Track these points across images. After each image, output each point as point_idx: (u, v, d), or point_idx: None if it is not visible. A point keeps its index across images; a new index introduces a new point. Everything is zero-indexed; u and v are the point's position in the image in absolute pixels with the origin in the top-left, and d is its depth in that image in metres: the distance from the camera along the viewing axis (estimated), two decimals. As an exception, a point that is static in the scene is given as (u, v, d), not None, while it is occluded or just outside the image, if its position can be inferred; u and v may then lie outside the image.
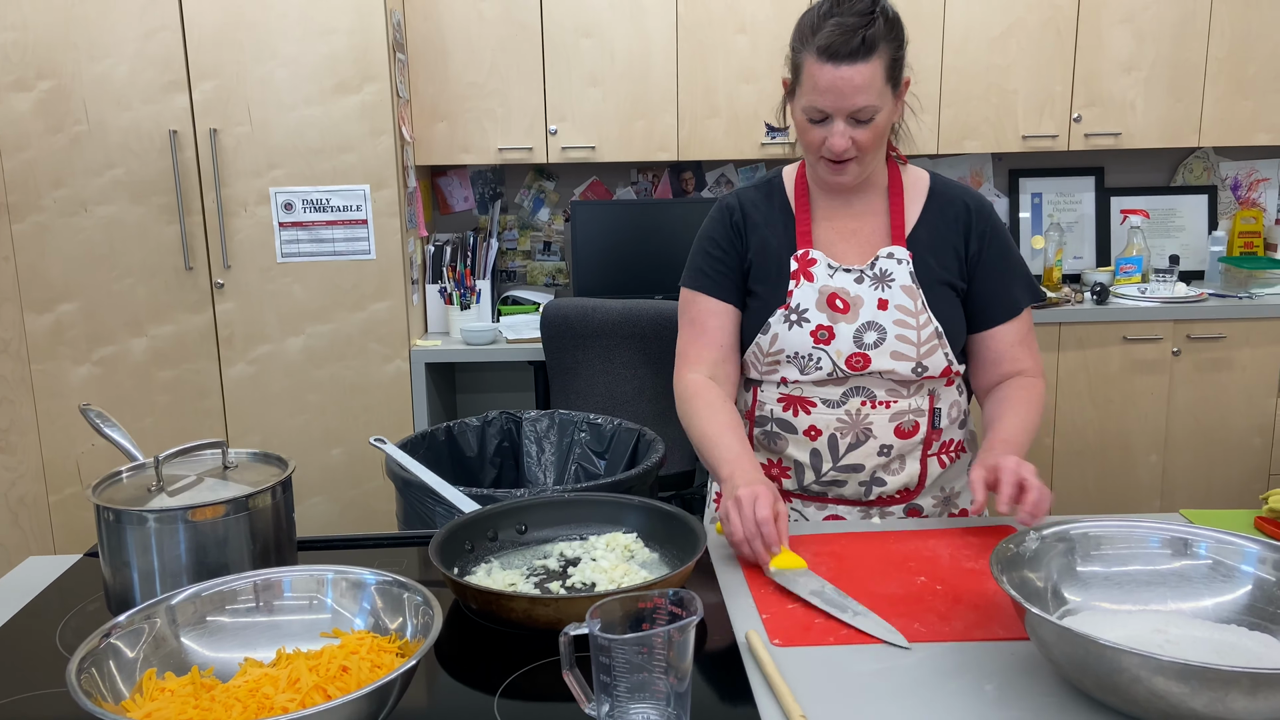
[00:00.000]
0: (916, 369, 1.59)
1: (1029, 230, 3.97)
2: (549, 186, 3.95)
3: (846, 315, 1.59)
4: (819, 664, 1.13)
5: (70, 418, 3.20)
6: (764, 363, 1.64)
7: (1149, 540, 1.22)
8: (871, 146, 1.54)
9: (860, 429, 1.61)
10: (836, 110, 1.49)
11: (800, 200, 1.66)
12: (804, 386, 1.62)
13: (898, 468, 1.64)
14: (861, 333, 1.59)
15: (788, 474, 1.68)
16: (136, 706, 0.97)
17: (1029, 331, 1.68)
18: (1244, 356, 3.49)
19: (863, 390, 1.61)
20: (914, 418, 1.62)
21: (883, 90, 1.49)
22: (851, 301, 1.60)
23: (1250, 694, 0.90)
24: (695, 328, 1.69)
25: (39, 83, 3.02)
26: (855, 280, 1.61)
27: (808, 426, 1.63)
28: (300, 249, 3.16)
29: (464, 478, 2.58)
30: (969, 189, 1.68)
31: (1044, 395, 1.66)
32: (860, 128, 1.51)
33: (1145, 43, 3.54)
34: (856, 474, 1.64)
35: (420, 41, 3.43)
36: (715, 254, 1.68)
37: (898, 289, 1.59)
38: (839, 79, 1.45)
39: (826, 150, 1.53)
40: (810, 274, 1.62)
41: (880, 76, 1.47)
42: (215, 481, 1.30)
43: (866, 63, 1.45)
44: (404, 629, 1.08)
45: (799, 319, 1.60)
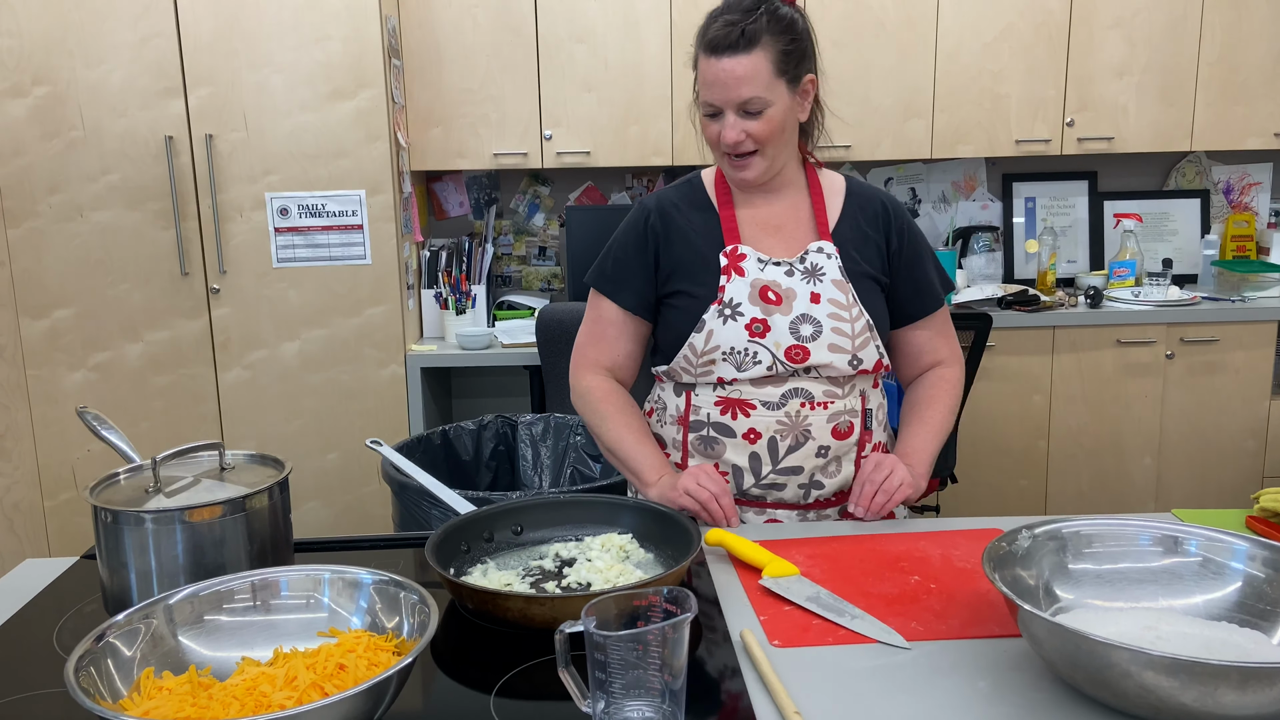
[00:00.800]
0: (852, 361, 1.61)
1: (1022, 234, 3.99)
2: (544, 192, 3.96)
3: (780, 307, 1.60)
4: (815, 662, 1.14)
5: (65, 423, 3.20)
6: (699, 363, 1.63)
7: (1140, 538, 1.23)
8: (767, 140, 1.57)
9: (800, 430, 1.62)
10: (724, 102, 1.54)
11: (722, 198, 1.68)
12: (742, 388, 1.62)
13: (834, 470, 1.66)
14: (797, 325, 1.60)
15: (726, 479, 1.66)
16: (134, 705, 0.97)
17: (946, 322, 1.75)
18: (1237, 359, 3.51)
19: (801, 391, 1.61)
20: (849, 418, 1.64)
21: (770, 83, 1.54)
22: (784, 294, 1.61)
23: (1239, 688, 0.91)
24: (595, 330, 1.74)
25: (35, 89, 3.02)
26: (786, 273, 1.62)
27: (747, 430, 1.63)
28: (296, 254, 3.16)
29: (460, 481, 2.59)
30: (881, 189, 1.76)
31: (955, 383, 1.74)
32: (751, 119, 1.55)
33: (1137, 47, 3.56)
34: (796, 476, 1.64)
35: (415, 47, 3.44)
36: (622, 258, 1.70)
37: (829, 283, 1.62)
38: (721, 70, 1.52)
39: (722, 143, 1.57)
40: (741, 268, 1.62)
41: (766, 69, 1.53)
42: (212, 483, 1.31)
43: (748, 55, 1.51)
44: (400, 628, 1.08)
45: (733, 313, 1.60)
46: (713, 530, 1.47)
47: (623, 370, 1.75)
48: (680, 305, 1.65)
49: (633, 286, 1.70)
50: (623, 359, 1.74)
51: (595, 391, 1.71)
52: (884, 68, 3.53)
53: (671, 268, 1.67)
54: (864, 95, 3.54)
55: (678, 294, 1.66)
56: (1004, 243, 4.00)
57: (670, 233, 1.68)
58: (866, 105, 3.55)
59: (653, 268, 1.69)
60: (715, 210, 1.68)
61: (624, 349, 1.73)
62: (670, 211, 1.69)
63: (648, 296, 1.70)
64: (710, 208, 1.69)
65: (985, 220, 4.02)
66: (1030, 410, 3.53)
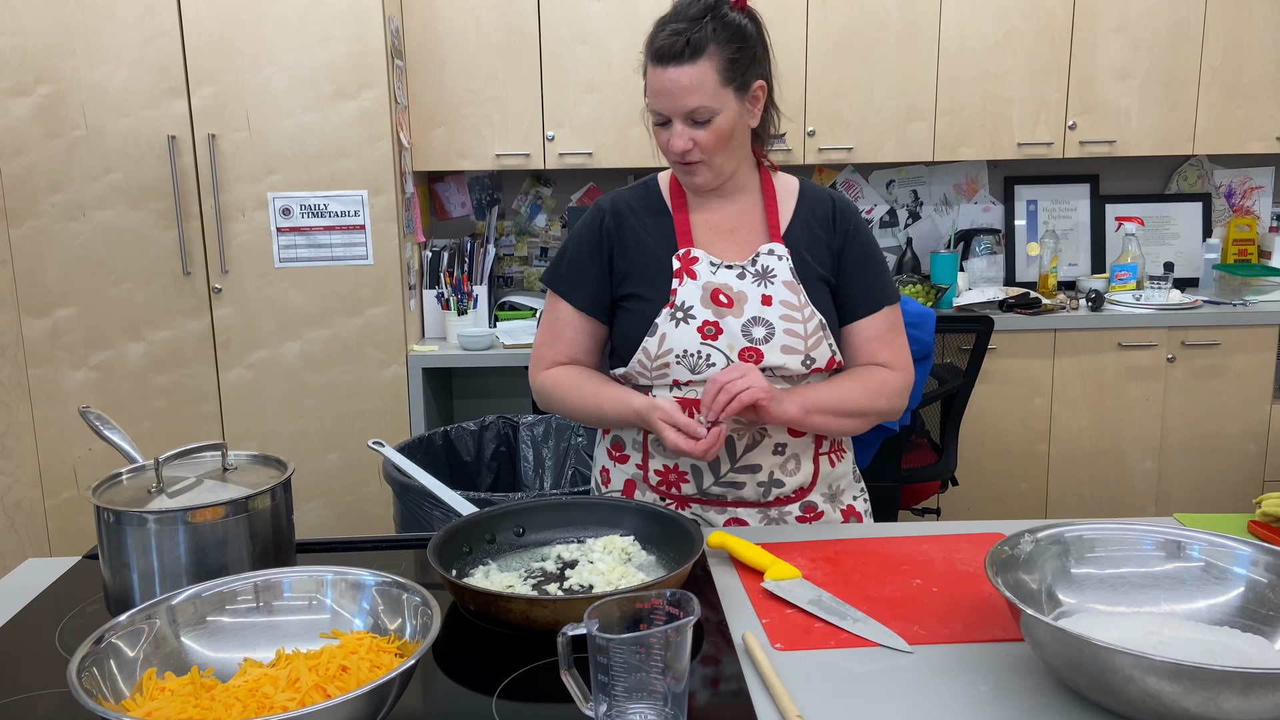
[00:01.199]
0: (805, 361, 1.61)
1: (1024, 237, 3.99)
2: (546, 192, 3.96)
3: (731, 310, 1.61)
4: (817, 665, 1.14)
5: (66, 422, 3.20)
6: (653, 368, 1.62)
7: (1142, 543, 1.23)
8: (715, 149, 1.57)
9: (756, 429, 1.62)
10: (671, 111, 1.54)
11: (676, 200, 1.69)
12: (698, 388, 1.61)
13: (793, 467, 1.66)
14: (749, 327, 1.60)
15: (686, 479, 1.66)
16: (137, 706, 0.97)
17: (890, 329, 1.69)
18: (1238, 363, 3.51)
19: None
20: None
21: (717, 92, 1.53)
22: (735, 297, 1.61)
23: (1242, 694, 0.91)
24: (552, 332, 1.73)
25: (38, 88, 3.02)
26: (737, 276, 1.63)
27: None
28: (298, 254, 3.16)
29: (461, 482, 2.59)
30: (835, 191, 1.75)
31: (891, 383, 1.66)
32: (699, 129, 1.54)
33: (1140, 51, 3.56)
34: (754, 474, 1.64)
35: (418, 48, 3.44)
36: (578, 259, 1.70)
37: (780, 285, 1.62)
38: (668, 80, 1.52)
39: (669, 152, 1.58)
40: (693, 271, 1.63)
41: (712, 78, 1.52)
42: (215, 483, 1.31)
43: (694, 64, 1.50)
44: (403, 629, 1.08)
45: (685, 316, 1.61)
46: (715, 533, 1.47)
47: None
48: (633, 308, 1.66)
49: (587, 287, 1.69)
50: (580, 358, 1.73)
51: (552, 378, 1.71)
52: (886, 70, 3.53)
53: (625, 270, 1.67)
54: (866, 97, 3.54)
55: (631, 297, 1.66)
56: (1005, 245, 4.00)
57: (624, 235, 1.68)
58: (869, 107, 3.55)
59: (607, 269, 1.69)
60: (669, 213, 1.69)
61: (580, 348, 1.72)
62: (625, 213, 1.70)
63: (602, 298, 1.69)
64: (665, 211, 1.69)
65: (987, 223, 4.02)
66: (1031, 413, 3.53)
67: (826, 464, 1.70)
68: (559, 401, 1.71)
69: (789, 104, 3.53)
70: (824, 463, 1.70)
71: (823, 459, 1.69)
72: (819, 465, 1.69)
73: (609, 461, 1.74)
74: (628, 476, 1.72)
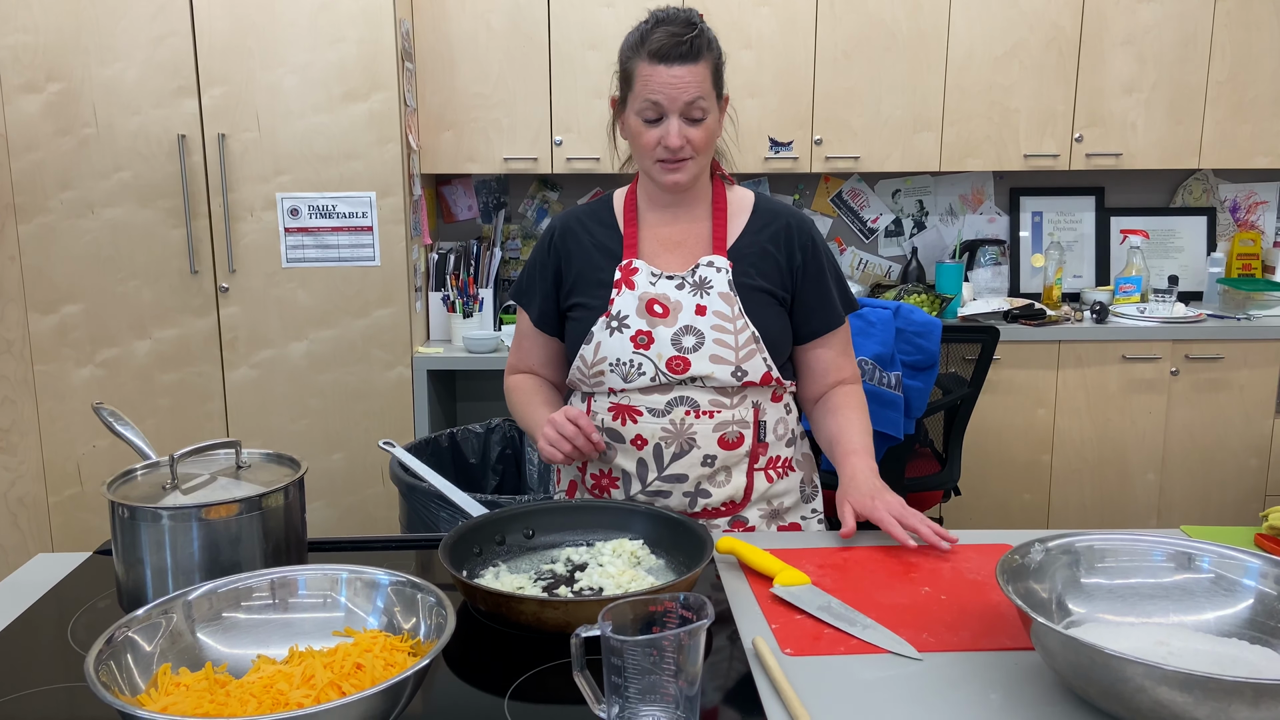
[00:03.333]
0: (736, 373, 1.62)
1: (1029, 249, 4.00)
2: (553, 197, 3.97)
3: (665, 319, 1.63)
4: (828, 672, 1.15)
5: (71, 419, 3.20)
6: (589, 375, 1.67)
7: (1152, 554, 1.23)
8: (703, 147, 1.61)
9: (684, 439, 1.63)
10: (671, 105, 1.57)
11: (628, 215, 1.73)
12: (631, 395, 1.65)
13: (723, 480, 1.66)
14: (680, 336, 1.62)
15: (616, 484, 1.69)
16: (152, 700, 0.98)
17: (848, 341, 1.77)
18: (1241, 377, 3.51)
19: (686, 400, 1.63)
20: (738, 429, 1.64)
21: (710, 94, 1.59)
22: (671, 306, 1.64)
23: (1253, 705, 0.91)
24: (516, 341, 1.84)
25: (49, 85, 3.03)
26: (676, 287, 1.65)
27: (634, 435, 1.65)
28: (305, 254, 3.17)
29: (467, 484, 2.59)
30: (791, 208, 1.76)
31: (863, 399, 1.75)
32: (692, 126, 1.59)
33: (1147, 65, 3.57)
34: (680, 484, 1.65)
35: (428, 51, 3.45)
36: (533, 272, 1.78)
37: (715, 295, 1.64)
38: (672, 77, 1.56)
39: (662, 149, 1.60)
40: (632, 282, 1.66)
41: (707, 80, 1.58)
42: (229, 481, 1.31)
43: (695, 65, 1.57)
44: (417, 629, 1.09)
45: (619, 325, 1.64)
46: (724, 538, 1.48)
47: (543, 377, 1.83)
48: (576, 318, 1.70)
49: (536, 301, 1.76)
50: (539, 367, 1.80)
51: (509, 385, 1.83)
52: (894, 80, 3.54)
53: (571, 282, 1.72)
54: (874, 107, 3.56)
55: (575, 307, 1.71)
56: (1010, 256, 4.00)
57: (571, 249, 1.73)
58: (876, 117, 3.56)
59: (553, 283, 1.74)
60: (619, 228, 1.73)
61: (536, 359, 1.80)
62: (575, 228, 1.75)
63: (549, 311, 1.76)
64: (615, 225, 1.73)
65: (992, 234, 4.03)
66: (1034, 424, 3.54)
67: (763, 479, 1.69)
68: (511, 408, 1.83)
69: (797, 112, 3.56)
70: (759, 478, 1.68)
71: (758, 474, 1.68)
72: (753, 480, 1.67)
73: (560, 465, 1.81)
74: (571, 478, 1.78)
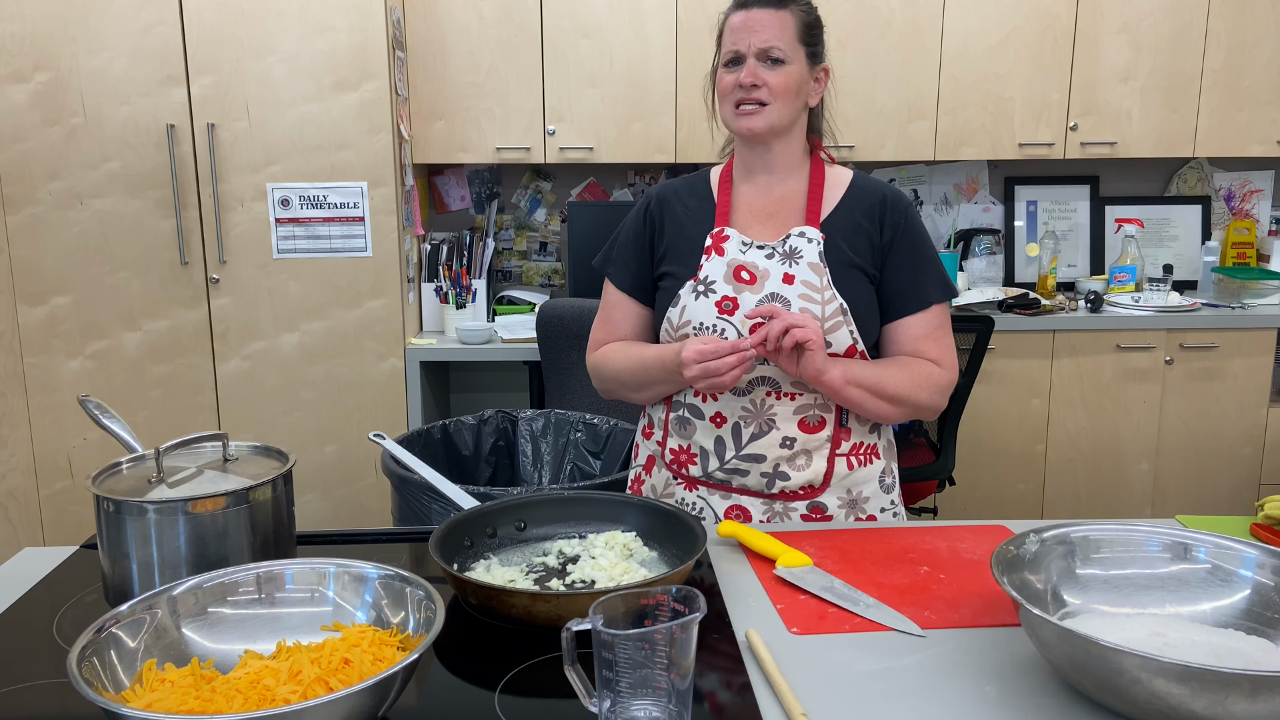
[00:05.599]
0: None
1: (1024, 238, 3.99)
2: (546, 187, 3.95)
3: (752, 286, 1.62)
4: (823, 662, 1.14)
5: (61, 411, 3.18)
6: (675, 338, 1.66)
7: (1148, 544, 1.22)
8: (781, 93, 1.59)
9: (764, 419, 1.62)
10: (747, 46, 1.58)
11: (723, 185, 1.72)
12: None
13: (803, 463, 1.63)
14: (765, 304, 1.60)
15: (694, 460, 1.68)
16: (136, 697, 0.96)
17: (938, 329, 1.67)
18: (1236, 366, 3.51)
19: (768, 380, 1.62)
20: (819, 413, 1.62)
21: (793, 43, 1.59)
22: (759, 275, 1.62)
23: (1250, 696, 0.90)
24: (604, 315, 1.80)
25: (36, 75, 3.01)
26: (766, 256, 1.64)
27: (714, 413, 1.64)
28: (296, 245, 3.15)
29: (459, 476, 2.58)
30: (890, 186, 1.72)
31: (935, 378, 1.64)
32: (770, 69, 1.58)
33: (1142, 53, 3.56)
34: (759, 464, 1.64)
35: (419, 40, 3.42)
36: (626, 243, 1.77)
37: (805, 265, 1.61)
38: (750, 18, 1.59)
39: (737, 90, 1.60)
40: (722, 249, 1.65)
41: (791, 29, 1.59)
42: (215, 474, 1.30)
43: (778, 10, 1.59)
44: (406, 623, 1.08)
45: (706, 290, 1.64)
46: (724, 523, 1.48)
47: None
48: (666, 286, 1.70)
49: (630, 269, 1.75)
50: (628, 337, 1.77)
51: (601, 353, 1.77)
52: (889, 69, 3.52)
53: (664, 251, 1.72)
54: (868, 96, 3.54)
55: (666, 276, 1.71)
56: (1005, 246, 3.99)
57: (666, 218, 1.73)
58: (871, 106, 3.55)
59: (648, 251, 1.74)
60: (714, 198, 1.72)
61: (628, 328, 1.77)
62: (670, 198, 1.75)
63: (643, 278, 1.75)
64: (710, 196, 1.73)
65: (987, 223, 4.02)
66: (1029, 414, 3.53)
67: (844, 465, 1.65)
68: (609, 370, 1.74)
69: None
70: (840, 464, 1.65)
71: (840, 460, 1.65)
72: (833, 465, 1.64)
73: (641, 438, 1.81)
74: (650, 453, 1.76)
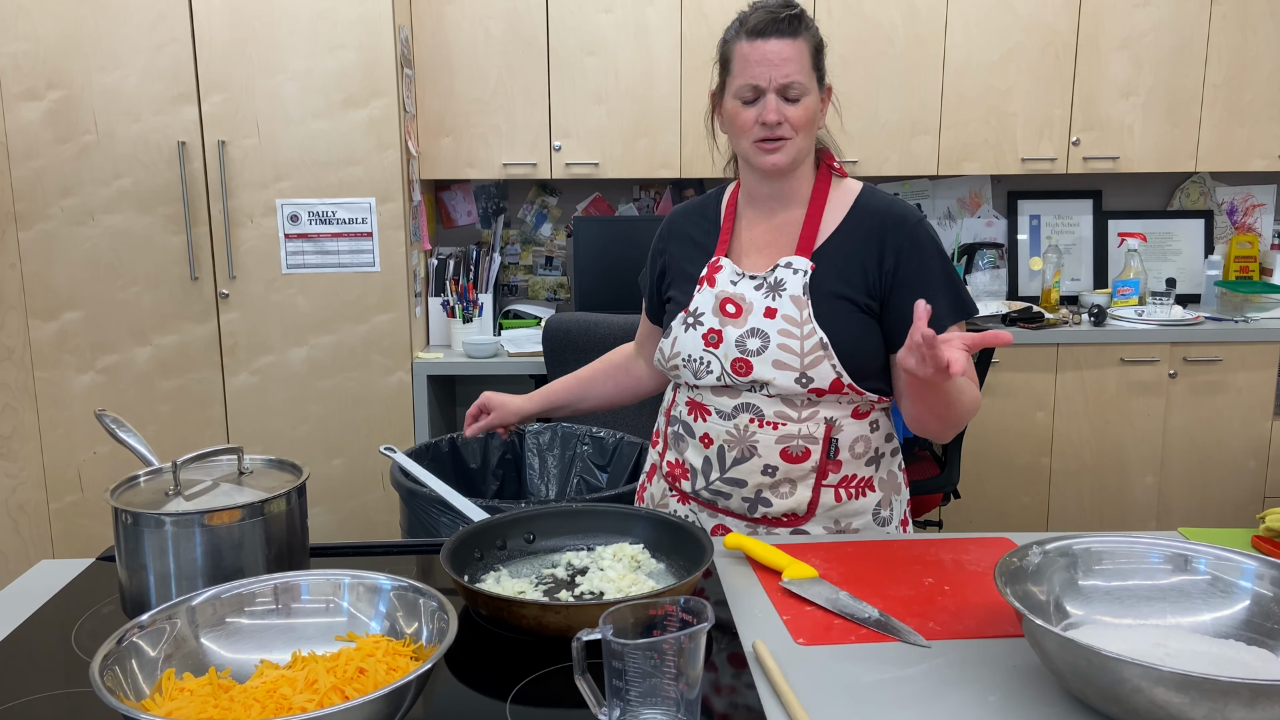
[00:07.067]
0: (800, 379, 1.56)
1: (1027, 252, 4.01)
2: (552, 202, 3.98)
3: (735, 320, 1.61)
4: (828, 672, 1.15)
5: (72, 425, 3.21)
6: (668, 367, 1.70)
7: (1150, 556, 1.24)
8: (802, 126, 1.57)
9: (746, 445, 1.61)
10: (769, 82, 1.54)
11: (729, 212, 1.72)
12: (702, 392, 1.66)
13: (787, 491, 1.61)
14: (746, 338, 1.59)
15: (686, 475, 1.69)
16: (157, 706, 0.98)
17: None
18: (1239, 379, 3.52)
19: (751, 407, 1.60)
20: (804, 444, 1.59)
21: (809, 73, 1.57)
22: (745, 307, 1.61)
23: (1249, 705, 0.92)
24: (637, 336, 1.94)
25: (49, 92, 3.04)
26: (755, 287, 1.62)
27: (703, 433, 1.66)
28: (305, 260, 3.18)
29: (467, 489, 2.59)
30: (898, 203, 1.63)
31: (976, 401, 1.56)
32: (790, 105, 1.56)
33: (1143, 68, 3.58)
34: (740, 489, 1.63)
35: (427, 57, 3.46)
36: (647, 265, 1.83)
37: (787, 298, 1.59)
38: (769, 52, 1.54)
39: (759, 127, 1.56)
40: (714, 280, 1.66)
41: (806, 58, 1.56)
42: (231, 487, 1.32)
43: (793, 40, 1.55)
44: (419, 634, 1.09)
45: (695, 322, 1.65)
46: (731, 535, 1.50)
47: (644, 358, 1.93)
48: (669, 310, 1.73)
49: (648, 289, 1.83)
50: (644, 347, 1.90)
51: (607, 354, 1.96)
52: (892, 84, 3.55)
53: (671, 276, 1.75)
54: (872, 111, 3.57)
55: (670, 300, 1.74)
56: (1008, 260, 4.02)
57: (672, 243, 1.76)
58: (874, 121, 3.58)
59: (659, 275, 1.79)
60: (720, 224, 1.72)
61: (646, 338, 1.89)
62: (679, 222, 1.78)
63: (654, 300, 1.81)
64: (718, 220, 1.73)
65: (990, 237, 4.04)
66: (1033, 427, 3.55)
67: (831, 496, 1.61)
68: None
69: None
70: (827, 495, 1.61)
71: (827, 491, 1.61)
72: (819, 495, 1.61)
73: (650, 445, 1.85)
74: (653, 461, 1.80)
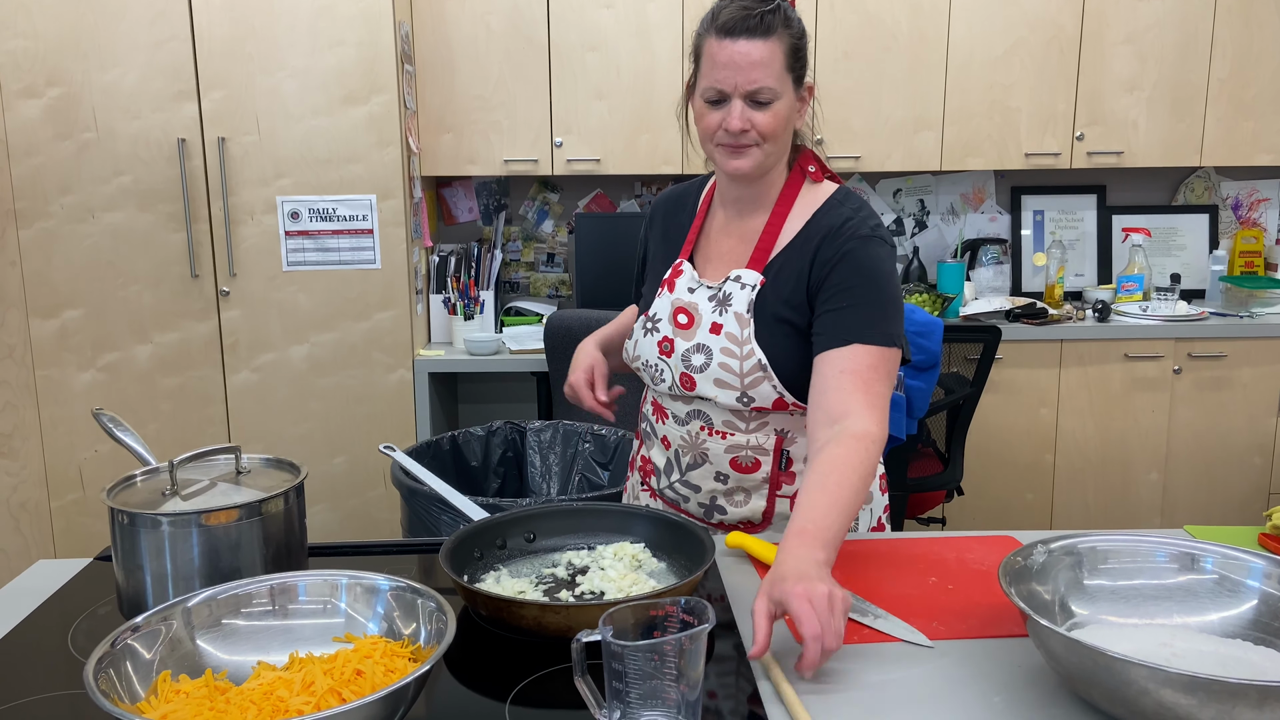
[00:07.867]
0: (742, 399, 1.53)
1: (1031, 247, 3.99)
2: (553, 198, 3.97)
3: (686, 331, 1.57)
4: (831, 672, 1.14)
5: (73, 424, 3.20)
6: (633, 366, 1.69)
7: (1156, 555, 1.23)
8: (770, 133, 1.47)
9: (698, 451, 1.59)
10: (734, 87, 1.44)
11: (703, 208, 1.66)
12: (662, 396, 1.64)
13: (741, 500, 1.59)
14: (691, 354, 1.55)
15: (654, 473, 1.69)
16: (152, 708, 0.97)
17: (867, 371, 1.43)
18: (1244, 375, 3.51)
19: (701, 415, 1.58)
20: (753, 454, 1.56)
21: (781, 76, 1.45)
22: (695, 318, 1.57)
23: (1257, 707, 0.91)
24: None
25: (49, 90, 3.03)
26: (709, 298, 1.57)
27: (663, 435, 1.65)
28: (306, 258, 3.17)
29: (468, 487, 2.58)
30: (852, 216, 1.52)
31: (870, 454, 1.36)
32: (758, 109, 1.45)
33: (1148, 63, 3.56)
34: (696, 493, 1.62)
35: (428, 54, 3.45)
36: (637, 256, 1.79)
37: (731, 315, 1.53)
38: (737, 53, 1.43)
39: (722, 133, 1.48)
40: (673, 285, 1.61)
41: (779, 60, 1.44)
42: (228, 486, 1.31)
43: (765, 41, 1.42)
44: (417, 634, 1.08)
45: (653, 327, 1.62)
46: (732, 534, 1.49)
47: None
48: (640, 306, 1.71)
49: (637, 279, 1.78)
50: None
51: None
52: (895, 80, 3.53)
53: (648, 269, 1.73)
54: (875, 107, 3.55)
55: (643, 296, 1.72)
56: (1012, 255, 4.00)
57: (653, 234, 1.73)
58: (877, 117, 3.56)
59: (642, 263, 1.76)
60: (693, 220, 1.67)
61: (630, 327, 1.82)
62: (661, 212, 1.73)
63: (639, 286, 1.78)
64: (693, 214, 1.67)
65: (993, 233, 4.03)
66: (1037, 423, 3.53)
67: (787, 505, 1.58)
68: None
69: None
70: (783, 504, 1.58)
71: (782, 500, 1.58)
72: (774, 504, 1.59)
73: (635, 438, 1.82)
74: (632, 454, 1.80)
